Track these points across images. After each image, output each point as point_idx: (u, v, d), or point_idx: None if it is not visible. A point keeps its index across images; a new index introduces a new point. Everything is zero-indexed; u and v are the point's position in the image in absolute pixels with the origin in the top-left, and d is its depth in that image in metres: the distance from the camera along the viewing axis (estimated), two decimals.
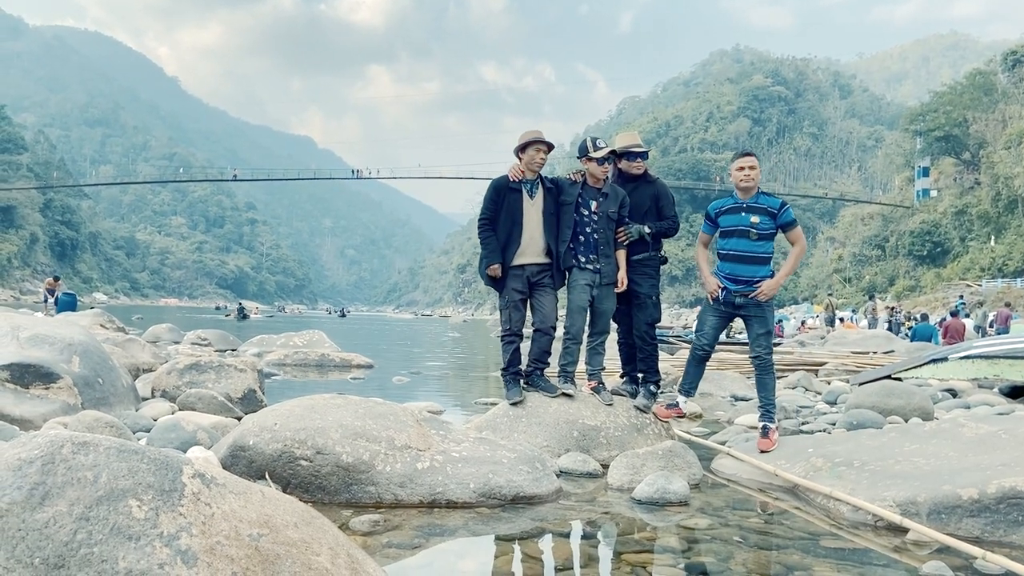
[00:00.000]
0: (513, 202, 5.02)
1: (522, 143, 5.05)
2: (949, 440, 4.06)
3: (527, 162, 5.02)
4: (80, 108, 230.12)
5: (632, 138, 5.41)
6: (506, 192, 5.04)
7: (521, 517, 3.52)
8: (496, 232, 5.03)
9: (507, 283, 5.05)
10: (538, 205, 5.04)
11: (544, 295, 5.08)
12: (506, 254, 5.02)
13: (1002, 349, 7.99)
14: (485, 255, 5.08)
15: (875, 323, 29.68)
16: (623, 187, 5.20)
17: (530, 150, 5.00)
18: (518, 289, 5.03)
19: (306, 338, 13.28)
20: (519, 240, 4.99)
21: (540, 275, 5.05)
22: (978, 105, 65.95)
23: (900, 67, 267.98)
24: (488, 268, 5.03)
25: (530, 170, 5.03)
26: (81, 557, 1.73)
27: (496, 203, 5.05)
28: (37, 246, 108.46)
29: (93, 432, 3.86)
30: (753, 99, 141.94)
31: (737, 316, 4.89)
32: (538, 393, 5.07)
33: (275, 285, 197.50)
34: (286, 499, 2.30)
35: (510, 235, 5.00)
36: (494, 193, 5.08)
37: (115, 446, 1.98)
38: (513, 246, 5.00)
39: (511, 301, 5.05)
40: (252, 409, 5.89)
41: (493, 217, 5.05)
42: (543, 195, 5.07)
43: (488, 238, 5.05)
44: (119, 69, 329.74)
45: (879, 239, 76.28)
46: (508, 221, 5.00)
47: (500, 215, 5.03)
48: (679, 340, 18.10)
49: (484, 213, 5.10)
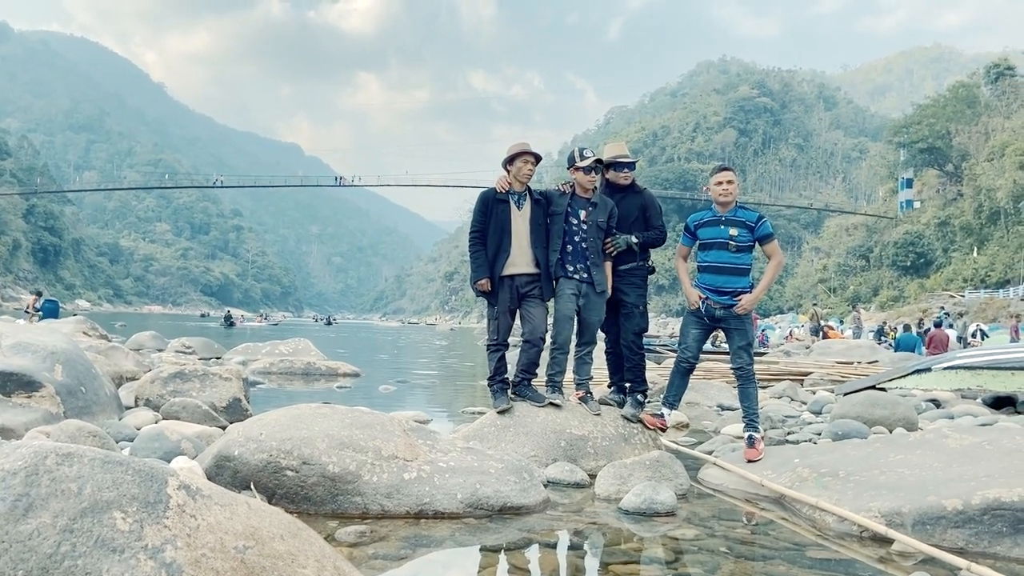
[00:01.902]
0: (501, 213, 5.02)
1: (510, 155, 5.06)
2: (933, 451, 4.09)
3: (515, 174, 5.04)
4: (65, 113, 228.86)
5: (619, 148, 5.42)
6: (494, 204, 5.05)
7: (508, 528, 3.51)
8: (485, 245, 5.03)
9: (497, 294, 5.04)
10: (526, 216, 5.05)
11: (533, 306, 5.07)
12: (495, 265, 5.02)
13: (984, 360, 8.05)
14: (474, 269, 5.07)
15: (860, 333, 29.86)
16: (611, 198, 5.22)
17: (518, 162, 5.02)
18: (507, 300, 5.04)
19: (292, 346, 13.22)
20: (508, 250, 5.00)
21: (529, 286, 5.05)
22: (961, 117, 66.76)
23: (884, 79, 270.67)
24: (476, 283, 5.05)
25: (518, 181, 5.05)
26: (65, 570, 1.71)
27: (485, 215, 5.06)
28: (20, 252, 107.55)
29: (76, 442, 3.82)
30: (739, 110, 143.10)
31: (718, 328, 4.94)
32: (526, 403, 5.06)
33: (261, 292, 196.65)
34: (272, 511, 2.29)
35: (499, 246, 5.00)
36: (482, 205, 5.09)
37: (99, 457, 1.97)
38: (502, 257, 5.00)
39: (500, 311, 5.05)
40: (237, 418, 5.85)
41: (483, 230, 5.05)
42: (531, 206, 5.08)
43: (477, 252, 5.05)
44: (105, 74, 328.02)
45: (863, 249, 76.94)
46: (497, 232, 5.00)
47: (489, 227, 5.03)
48: (665, 349, 18.16)
49: (474, 226, 5.09)
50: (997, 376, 7.71)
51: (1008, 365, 7.70)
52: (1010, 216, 55.20)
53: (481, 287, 5.04)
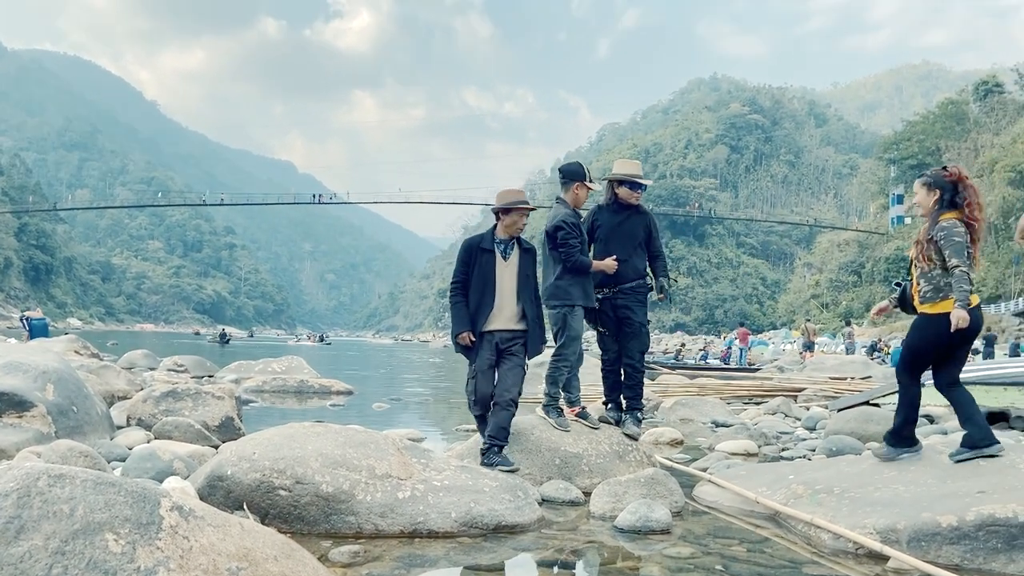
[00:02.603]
0: (485, 264, 4.73)
1: (505, 205, 4.77)
2: (928, 467, 4.09)
3: (508, 226, 4.76)
4: (57, 132, 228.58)
5: (636, 167, 5.41)
6: (478, 253, 4.76)
7: (503, 546, 3.49)
8: (467, 297, 4.75)
9: (477, 350, 4.73)
10: (512, 267, 4.76)
11: (509, 365, 4.73)
12: (477, 319, 4.71)
13: (976, 376, 8.07)
14: (454, 322, 4.80)
15: (852, 348, 29.95)
16: (618, 214, 5.24)
17: (514, 214, 4.75)
18: (487, 356, 4.72)
19: (285, 364, 13.17)
20: (491, 304, 4.70)
21: (510, 342, 4.74)
22: (950, 134, 67.39)
23: (874, 96, 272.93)
24: (457, 336, 4.77)
25: (509, 232, 4.78)
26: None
27: (468, 265, 4.76)
28: (11, 271, 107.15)
29: (67, 462, 3.80)
30: (731, 127, 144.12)
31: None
32: (520, 420, 5.02)
33: (253, 310, 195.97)
34: (265, 531, 2.27)
35: (482, 298, 4.71)
36: (465, 255, 4.80)
37: (91, 478, 1.96)
38: (484, 310, 4.70)
39: (479, 368, 4.73)
40: (230, 437, 5.82)
41: (464, 280, 4.77)
42: (519, 256, 4.80)
43: (458, 304, 4.77)
44: (97, 93, 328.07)
45: (855, 265, 77.32)
46: (480, 284, 4.72)
47: (472, 278, 4.75)
48: (659, 366, 18.17)
49: (455, 276, 4.81)
50: (990, 391, 7.72)
51: (1000, 380, 7.72)
52: (1000, 232, 55.55)
53: (462, 340, 4.74)
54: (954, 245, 3.91)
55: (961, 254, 3.90)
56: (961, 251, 3.91)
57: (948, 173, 4.11)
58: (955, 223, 3.98)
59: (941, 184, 4.10)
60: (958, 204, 4.04)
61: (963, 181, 4.07)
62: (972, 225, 4.02)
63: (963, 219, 4.01)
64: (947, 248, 3.93)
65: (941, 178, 4.11)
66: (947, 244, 3.93)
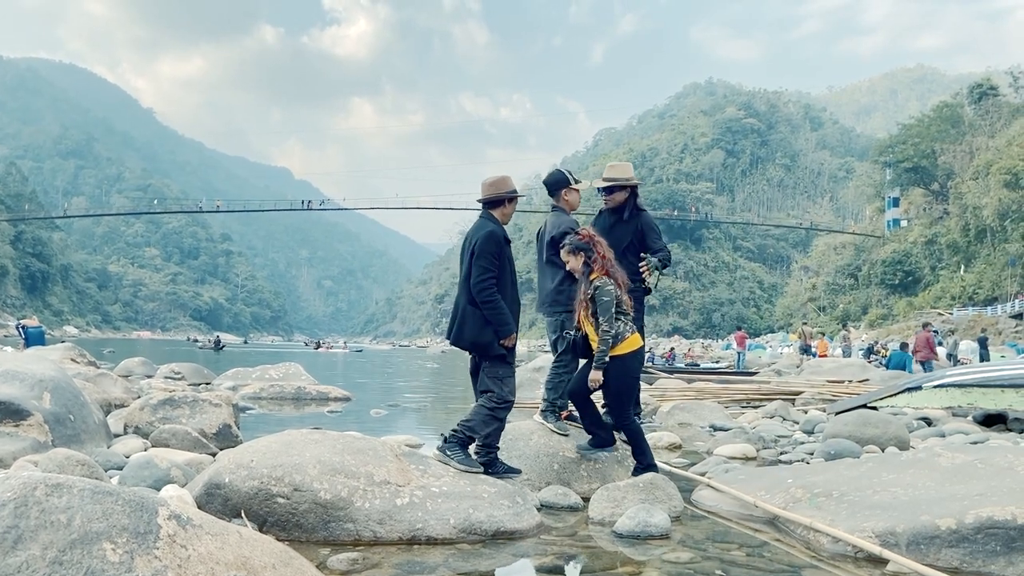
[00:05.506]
0: (511, 258, 4.43)
1: (510, 193, 4.54)
2: (926, 470, 4.09)
3: (508, 214, 4.56)
4: (53, 140, 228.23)
5: (620, 170, 5.40)
6: (503, 246, 4.40)
7: (502, 553, 3.49)
8: (504, 294, 4.35)
9: (514, 347, 4.42)
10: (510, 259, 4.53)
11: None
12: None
13: (975, 378, 8.08)
14: (502, 322, 4.28)
15: (849, 351, 30.04)
16: (608, 219, 5.25)
17: (514, 203, 4.57)
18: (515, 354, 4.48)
19: (282, 371, 13.14)
20: (517, 299, 4.51)
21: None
22: (946, 137, 67.56)
23: (869, 100, 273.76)
24: (508, 338, 4.32)
25: (505, 222, 4.57)
26: None
27: (501, 259, 4.35)
28: (7, 279, 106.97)
29: (64, 471, 3.78)
30: (727, 131, 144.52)
31: None
32: (518, 426, 5.02)
33: (250, 317, 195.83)
34: (263, 539, 2.27)
35: (513, 293, 4.43)
36: (497, 247, 4.34)
37: (89, 487, 1.95)
38: (515, 307, 4.44)
39: (512, 368, 4.46)
40: (227, 445, 5.80)
41: (499, 276, 4.33)
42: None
43: (500, 300, 4.29)
44: (94, 101, 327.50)
45: (852, 268, 77.47)
46: (509, 279, 4.39)
47: (504, 274, 4.37)
48: (657, 369, 18.18)
49: (490, 271, 4.28)
50: (987, 394, 7.73)
51: (998, 383, 7.73)
52: (996, 234, 55.73)
53: (511, 342, 4.34)
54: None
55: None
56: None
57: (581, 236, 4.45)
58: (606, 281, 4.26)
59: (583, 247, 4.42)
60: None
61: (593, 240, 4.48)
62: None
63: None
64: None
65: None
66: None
